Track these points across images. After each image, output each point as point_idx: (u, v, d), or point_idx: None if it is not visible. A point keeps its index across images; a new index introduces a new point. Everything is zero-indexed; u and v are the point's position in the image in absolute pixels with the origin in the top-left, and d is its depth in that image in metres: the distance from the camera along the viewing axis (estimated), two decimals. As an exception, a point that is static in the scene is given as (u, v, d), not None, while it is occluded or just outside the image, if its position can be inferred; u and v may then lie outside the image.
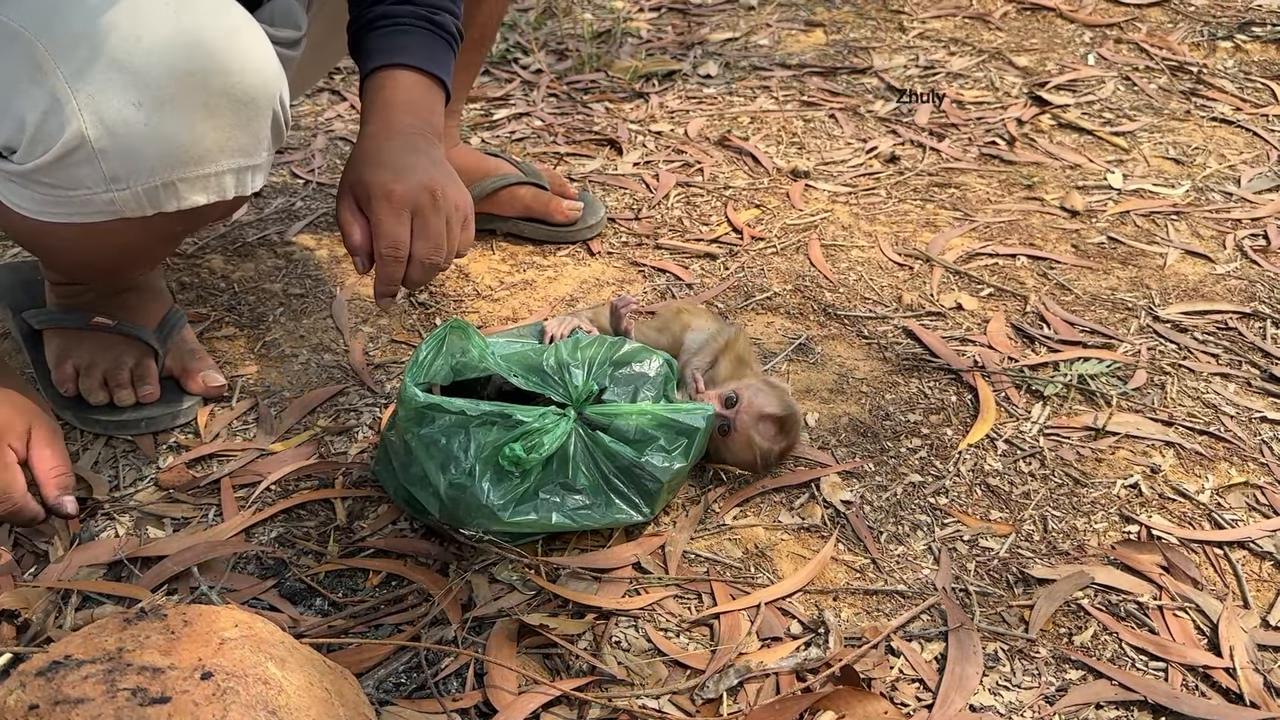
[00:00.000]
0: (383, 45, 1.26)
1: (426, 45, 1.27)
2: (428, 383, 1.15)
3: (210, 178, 1.07)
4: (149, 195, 1.05)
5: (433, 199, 1.18)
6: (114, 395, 1.35)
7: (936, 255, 1.72)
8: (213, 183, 1.08)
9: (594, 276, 1.69)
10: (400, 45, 1.26)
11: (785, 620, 1.10)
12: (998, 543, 1.19)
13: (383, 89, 1.26)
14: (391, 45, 1.26)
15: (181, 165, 1.05)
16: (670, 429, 1.15)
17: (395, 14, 1.25)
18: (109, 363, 1.35)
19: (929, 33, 2.64)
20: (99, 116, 0.99)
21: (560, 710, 1.00)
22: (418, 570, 1.15)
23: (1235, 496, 1.25)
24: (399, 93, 1.25)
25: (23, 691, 0.81)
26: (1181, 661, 1.05)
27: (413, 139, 1.23)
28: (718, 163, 2.05)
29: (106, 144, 1.00)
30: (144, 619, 0.90)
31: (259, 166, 1.12)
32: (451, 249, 1.22)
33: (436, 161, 1.22)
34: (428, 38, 1.27)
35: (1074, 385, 1.42)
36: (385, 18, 1.26)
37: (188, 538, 1.19)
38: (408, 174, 1.18)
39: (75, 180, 1.03)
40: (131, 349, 1.37)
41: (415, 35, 1.26)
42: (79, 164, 1.01)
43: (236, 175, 1.10)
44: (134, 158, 1.02)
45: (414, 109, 1.25)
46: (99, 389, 1.35)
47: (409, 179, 1.18)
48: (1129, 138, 2.12)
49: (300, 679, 0.89)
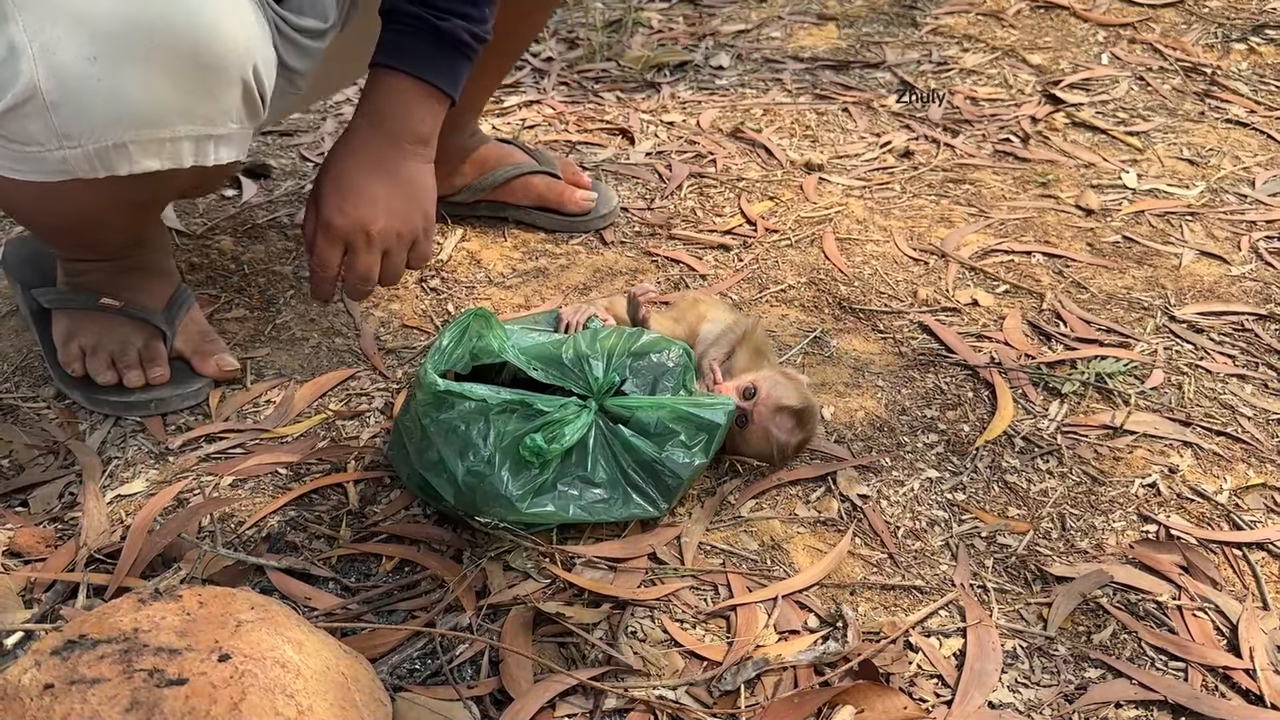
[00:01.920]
0: (387, 44, 1.24)
1: (428, 51, 1.23)
2: (447, 369, 1.14)
3: (165, 143, 1.05)
4: (100, 156, 1.02)
5: (367, 239, 1.25)
6: (123, 376, 1.34)
7: (952, 251, 1.71)
8: (168, 148, 1.05)
9: (607, 265, 1.68)
10: (400, 47, 1.23)
11: (802, 614, 1.09)
12: (1015, 540, 1.18)
13: (375, 90, 1.24)
14: (394, 46, 1.24)
15: (134, 126, 1.02)
16: (691, 423, 1.14)
17: (403, 13, 1.22)
18: (116, 344, 1.34)
19: (942, 29, 2.63)
20: (52, 68, 0.97)
21: (576, 700, 0.99)
22: (431, 556, 1.14)
23: (1253, 498, 1.25)
24: (388, 98, 1.24)
25: (38, 670, 0.80)
26: (1201, 662, 1.05)
27: (384, 155, 1.24)
28: (730, 154, 2.04)
29: (58, 97, 0.98)
30: (159, 600, 0.89)
31: (225, 138, 1.09)
32: (389, 278, 1.29)
33: (397, 184, 1.25)
34: (431, 43, 1.23)
35: (1091, 383, 1.41)
36: (395, 14, 1.23)
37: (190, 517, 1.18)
38: (352, 205, 1.23)
39: (28, 135, 1.01)
40: (139, 330, 1.35)
41: (418, 39, 1.23)
42: (31, 116, 0.99)
43: (195, 143, 1.06)
44: (85, 114, 1.00)
45: (399, 117, 1.24)
46: (106, 369, 1.34)
47: (349, 214, 1.23)
48: (1143, 138, 2.11)
49: (317, 663, 0.88)
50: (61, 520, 1.20)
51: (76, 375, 1.35)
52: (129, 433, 1.32)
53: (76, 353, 1.35)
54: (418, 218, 1.28)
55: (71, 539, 1.16)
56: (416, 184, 1.27)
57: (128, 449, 1.29)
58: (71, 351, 1.35)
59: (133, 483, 1.24)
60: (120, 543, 1.15)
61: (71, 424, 1.33)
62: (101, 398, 1.34)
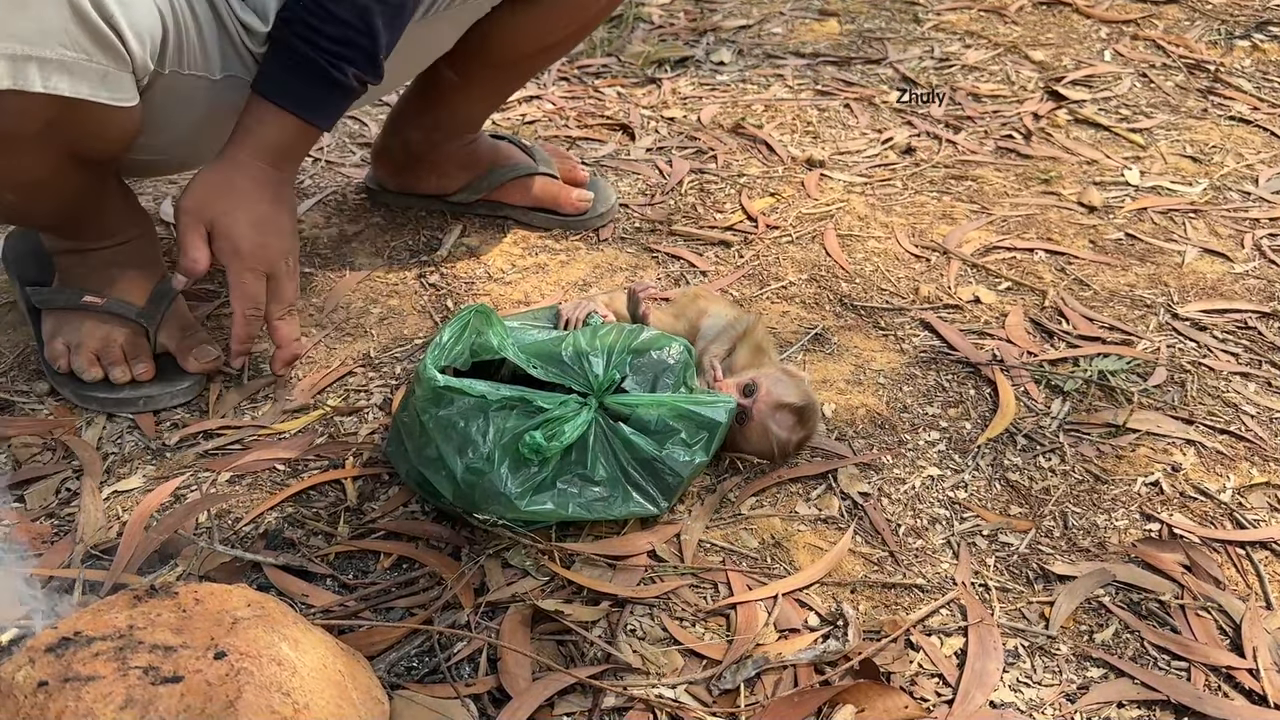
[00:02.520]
0: (274, 74, 1.24)
1: (317, 94, 1.24)
2: (446, 365, 1.13)
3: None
4: None
5: (286, 263, 1.28)
6: (108, 373, 1.33)
7: (954, 248, 1.71)
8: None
9: (607, 261, 1.67)
10: (289, 85, 1.23)
11: (803, 612, 1.08)
12: (1017, 538, 1.18)
13: (263, 124, 1.24)
14: (281, 81, 1.23)
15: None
16: (691, 421, 1.13)
17: (294, 50, 1.21)
18: (99, 340, 1.33)
19: (944, 25, 2.62)
20: None
21: (574, 698, 0.98)
22: (429, 553, 1.13)
23: (1257, 497, 1.24)
24: (279, 135, 1.25)
25: (32, 668, 0.80)
26: (1204, 662, 1.04)
27: (280, 189, 1.27)
28: (731, 150, 2.03)
29: None
30: (155, 596, 0.88)
31: (53, 64, 1.04)
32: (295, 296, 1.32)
33: (292, 212, 1.30)
34: (318, 87, 1.23)
35: (1094, 381, 1.40)
36: (285, 47, 1.22)
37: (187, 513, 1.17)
38: (272, 237, 1.26)
39: None
40: (123, 326, 1.35)
41: (308, 80, 1.22)
42: None
43: (11, 63, 1.01)
44: None
45: (287, 156, 1.27)
46: (90, 366, 1.33)
47: (271, 245, 1.26)
48: (1146, 135, 2.10)
49: (313, 660, 0.87)
50: (58, 516, 1.19)
51: (62, 371, 1.34)
52: (125, 429, 1.31)
53: (61, 349, 1.34)
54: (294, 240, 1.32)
55: (68, 535, 1.16)
56: (294, 207, 1.34)
57: (124, 445, 1.29)
58: (56, 348, 1.34)
59: (129, 479, 1.24)
60: (116, 539, 1.14)
61: (68, 420, 1.32)
62: (90, 394, 1.33)
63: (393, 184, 1.79)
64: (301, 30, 1.20)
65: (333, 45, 1.21)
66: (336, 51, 1.21)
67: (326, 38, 1.20)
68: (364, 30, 1.21)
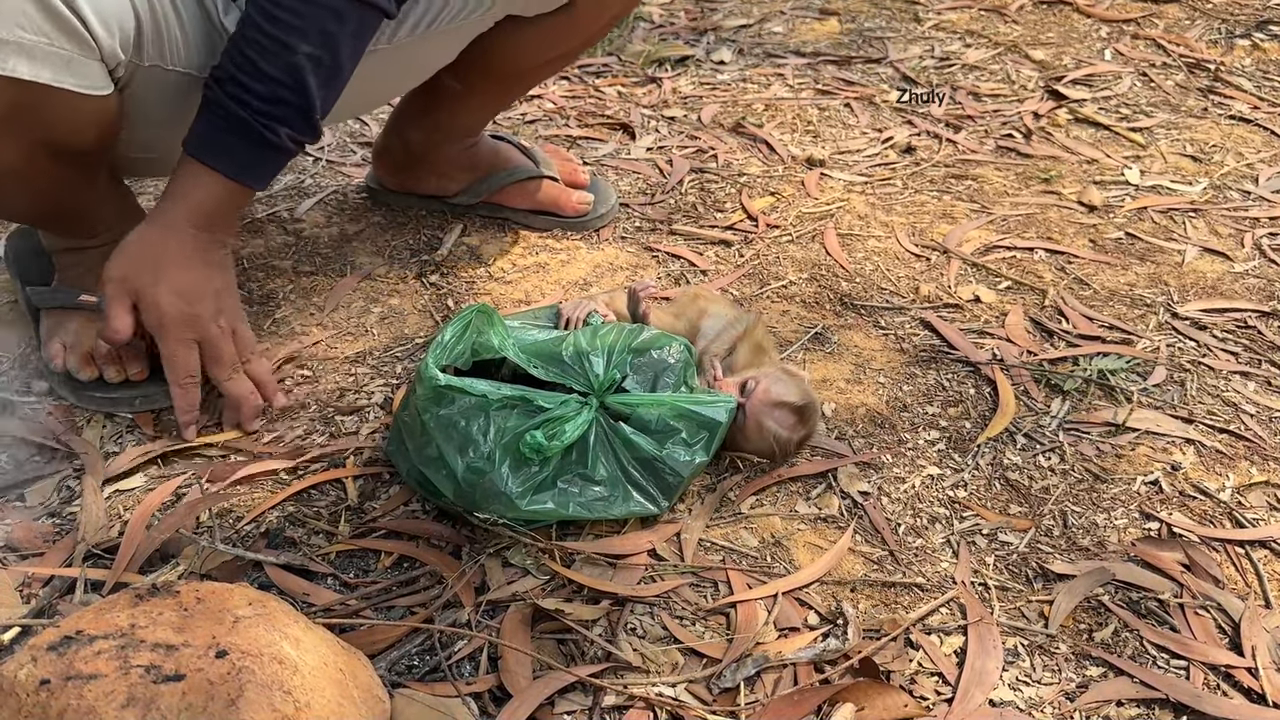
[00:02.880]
0: (205, 135, 1.19)
1: (247, 154, 1.20)
2: (447, 364, 1.13)
3: None
4: None
5: (218, 325, 1.25)
6: (102, 372, 1.33)
7: (954, 247, 1.71)
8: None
9: (607, 261, 1.68)
10: (221, 145, 1.19)
11: (803, 611, 1.08)
12: (1017, 537, 1.18)
13: (195, 187, 1.20)
14: (213, 141, 1.19)
15: None
16: (692, 421, 1.14)
17: (226, 110, 1.16)
18: (93, 340, 1.33)
19: (944, 24, 2.63)
20: None
21: (575, 696, 0.99)
22: (430, 552, 1.13)
23: (1256, 496, 1.24)
24: (209, 197, 1.21)
25: (34, 666, 0.80)
26: (1203, 660, 1.04)
27: (209, 252, 1.23)
28: (732, 149, 2.03)
29: None
30: (156, 595, 0.88)
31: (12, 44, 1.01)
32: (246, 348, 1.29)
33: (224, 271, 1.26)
34: (250, 148, 1.19)
35: (1093, 380, 1.40)
36: (217, 106, 1.17)
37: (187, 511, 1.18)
38: (199, 304, 1.22)
39: None
40: None
41: (238, 141, 1.18)
42: None
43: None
44: None
45: (218, 218, 1.23)
46: (86, 365, 1.33)
47: (200, 314, 1.23)
48: (1146, 134, 2.10)
49: (314, 659, 0.87)
50: (59, 515, 1.19)
51: (58, 370, 1.34)
52: (126, 428, 1.32)
53: (58, 348, 1.34)
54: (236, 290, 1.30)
55: (69, 534, 1.16)
56: (229, 264, 1.29)
57: (125, 444, 1.29)
58: (53, 347, 1.35)
59: (131, 478, 1.24)
60: (118, 538, 1.14)
61: (69, 418, 1.33)
62: (88, 393, 1.33)
63: (393, 184, 1.79)
64: (232, 89, 1.16)
65: (263, 105, 1.16)
66: (268, 111, 1.16)
67: (257, 96, 1.15)
68: (296, 88, 1.16)
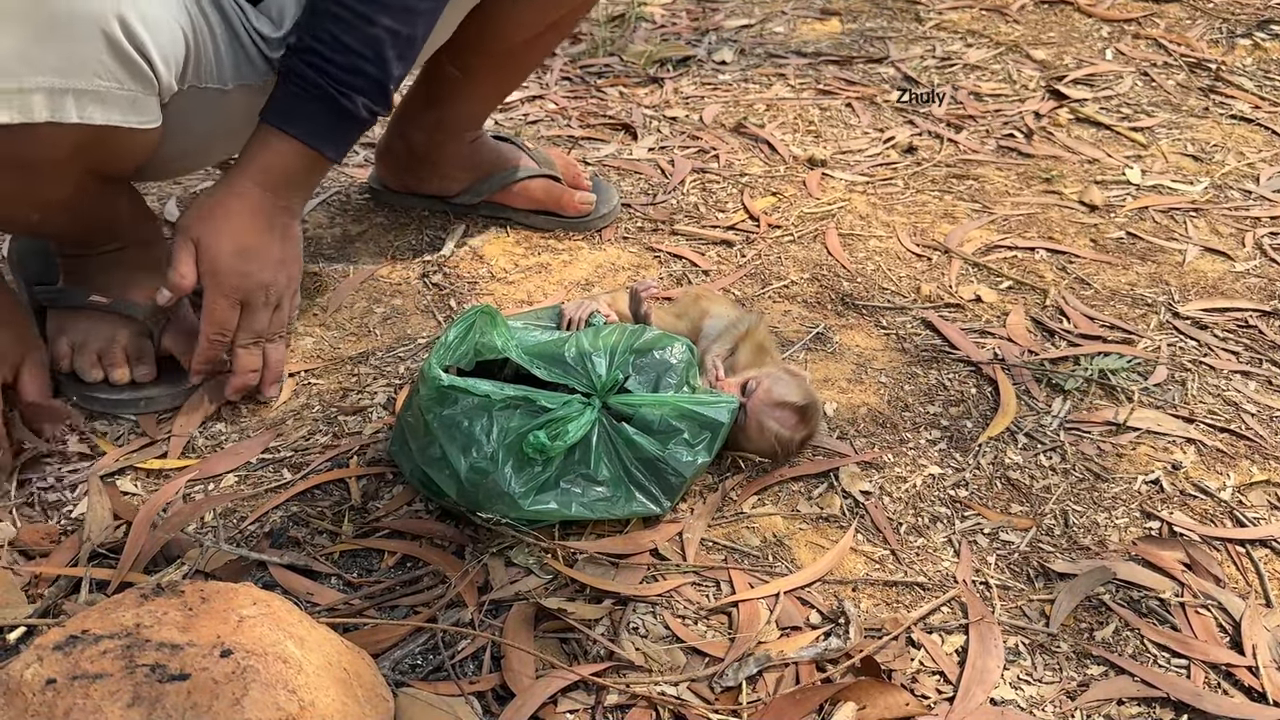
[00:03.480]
0: (282, 102, 1.23)
1: (326, 120, 1.23)
2: (450, 364, 1.14)
3: (13, 94, 1.01)
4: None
5: (265, 295, 1.27)
6: (108, 374, 1.34)
7: (955, 247, 1.71)
8: (16, 100, 1.01)
9: (609, 261, 1.68)
10: (296, 113, 1.22)
11: (804, 610, 1.09)
12: (1018, 536, 1.18)
13: (266, 149, 1.24)
14: (290, 108, 1.23)
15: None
16: (694, 421, 1.14)
17: (304, 77, 1.21)
18: (102, 341, 1.34)
19: (946, 24, 2.63)
20: None
21: (577, 695, 0.99)
22: (433, 552, 1.14)
23: (1257, 495, 1.24)
24: (282, 163, 1.24)
25: (40, 665, 0.80)
26: (1204, 659, 1.04)
27: (274, 217, 1.25)
28: (733, 150, 2.04)
29: None
30: (161, 595, 0.89)
31: (88, 94, 1.05)
32: (277, 328, 1.31)
33: (286, 241, 1.28)
34: (328, 114, 1.23)
35: (1094, 380, 1.41)
36: (295, 75, 1.21)
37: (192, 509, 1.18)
38: (254, 265, 1.24)
39: None
40: (126, 327, 1.35)
41: (315, 107, 1.22)
42: None
43: (49, 96, 1.02)
44: None
45: (290, 184, 1.26)
46: (92, 366, 1.33)
47: (252, 275, 1.24)
48: (1147, 134, 2.10)
49: (319, 658, 0.88)
50: (65, 516, 1.20)
51: (64, 371, 1.35)
52: (130, 429, 1.32)
53: (65, 349, 1.35)
54: (299, 267, 1.31)
55: (74, 534, 1.16)
56: (299, 240, 1.31)
57: (130, 444, 1.29)
58: (60, 348, 1.35)
59: (135, 478, 1.24)
60: (123, 538, 1.15)
61: (74, 419, 1.33)
62: (93, 395, 1.34)
63: (396, 184, 1.80)
64: (311, 59, 1.20)
65: (342, 74, 1.20)
66: (347, 81, 1.21)
67: (337, 66, 1.20)
68: (375, 60, 1.21)
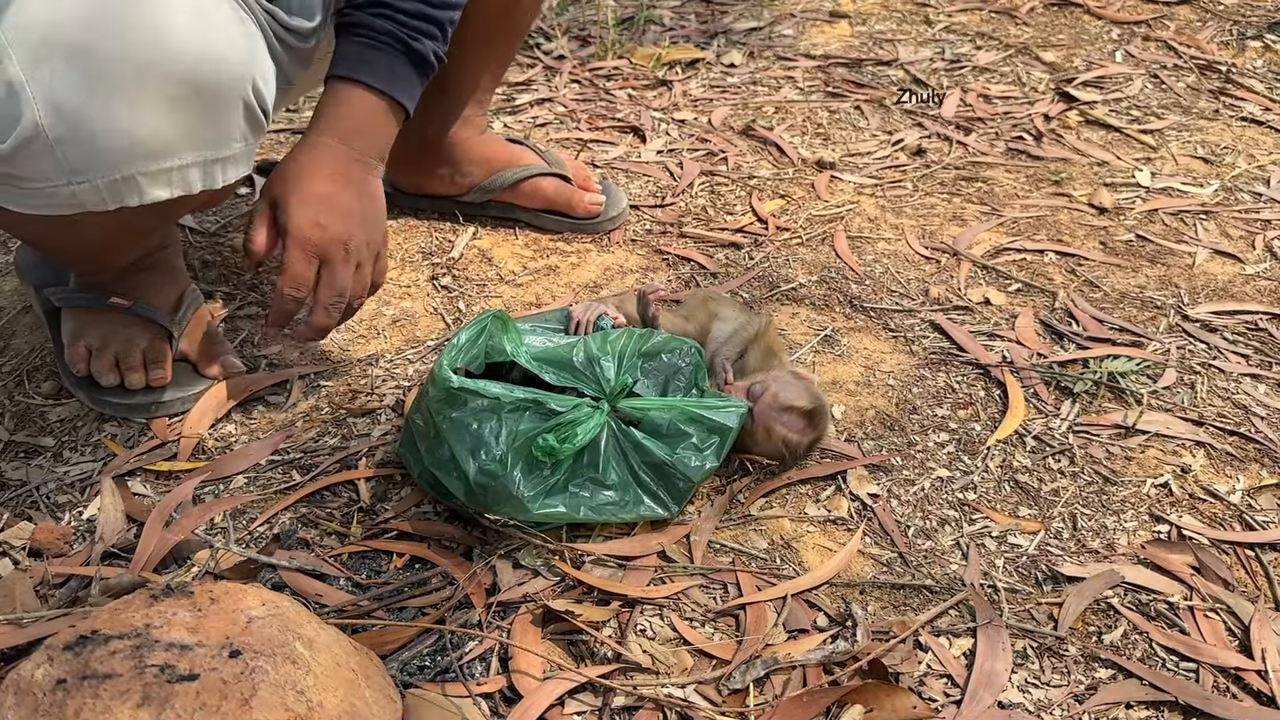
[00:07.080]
0: (350, 55, 1.23)
1: (394, 68, 1.23)
2: (460, 366, 1.14)
3: (173, 172, 1.05)
4: (109, 189, 1.02)
5: (344, 251, 1.21)
6: (125, 377, 1.34)
7: (964, 249, 1.71)
8: (176, 177, 1.05)
9: (618, 263, 1.68)
10: (367, 62, 1.23)
11: (812, 613, 1.09)
12: (1027, 539, 1.18)
13: (338, 103, 1.23)
14: (359, 59, 1.23)
15: (142, 158, 1.02)
16: (703, 425, 1.14)
17: (372, 26, 1.22)
18: (121, 344, 1.34)
19: (955, 26, 2.62)
20: (54, 105, 0.97)
21: (585, 697, 0.99)
22: (441, 553, 1.14)
23: (1266, 498, 1.24)
24: (353, 112, 1.24)
25: (50, 666, 0.81)
26: (1213, 663, 1.04)
27: (349, 169, 1.23)
28: (742, 152, 2.04)
29: (62, 133, 0.98)
30: (170, 595, 0.89)
31: (230, 159, 1.10)
32: (359, 290, 1.25)
33: (363, 197, 1.24)
34: (398, 60, 1.23)
35: (1103, 383, 1.40)
36: (361, 27, 1.22)
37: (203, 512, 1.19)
38: (329, 218, 1.20)
39: (37, 172, 1.00)
40: (145, 330, 1.36)
41: (385, 54, 1.23)
42: (38, 155, 0.99)
43: (203, 169, 1.07)
44: (91, 149, 0.99)
45: (363, 133, 1.24)
46: (110, 370, 1.34)
47: (328, 227, 1.19)
48: (1157, 136, 2.10)
49: (327, 659, 0.88)
50: (77, 517, 1.20)
51: (80, 374, 1.35)
52: (141, 431, 1.33)
53: (83, 352, 1.35)
54: (381, 230, 1.28)
55: (87, 535, 1.17)
56: (379, 198, 1.27)
57: (141, 445, 1.30)
58: (78, 351, 1.35)
59: (147, 480, 1.25)
60: (134, 539, 1.16)
61: (85, 422, 1.34)
62: (104, 399, 1.34)
63: (405, 185, 1.80)
64: (379, 9, 1.22)
65: (411, 20, 1.22)
66: (416, 26, 1.23)
67: (405, 14, 1.22)
68: (439, 4, 1.24)
